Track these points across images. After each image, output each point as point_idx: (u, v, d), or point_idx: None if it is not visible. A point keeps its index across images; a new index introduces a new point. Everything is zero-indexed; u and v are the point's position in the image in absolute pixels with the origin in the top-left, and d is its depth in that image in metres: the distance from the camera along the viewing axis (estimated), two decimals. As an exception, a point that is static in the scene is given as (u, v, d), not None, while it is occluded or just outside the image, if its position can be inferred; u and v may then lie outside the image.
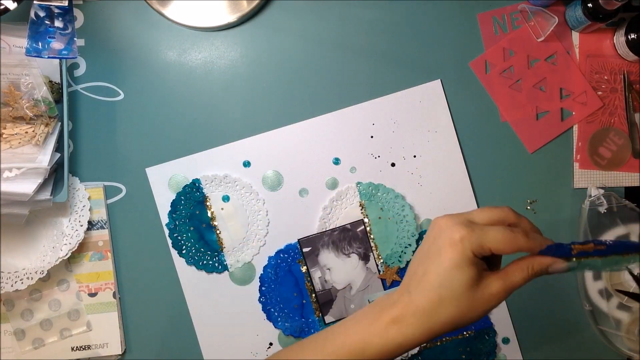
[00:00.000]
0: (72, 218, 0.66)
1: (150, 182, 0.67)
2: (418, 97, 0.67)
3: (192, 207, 0.67)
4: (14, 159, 0.60)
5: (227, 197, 0.67)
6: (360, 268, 0.67)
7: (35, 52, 0.57)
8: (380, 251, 0.67)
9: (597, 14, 0.62)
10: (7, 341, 0.67)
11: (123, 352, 0.68)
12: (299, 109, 0.68)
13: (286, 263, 0.67)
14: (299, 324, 0.67)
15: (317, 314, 0.67)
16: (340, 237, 0.67)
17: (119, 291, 0.68)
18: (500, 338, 0.68)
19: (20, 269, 0.65)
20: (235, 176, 0.67)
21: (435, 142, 0.67)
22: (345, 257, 0.67)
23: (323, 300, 0.66)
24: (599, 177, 0.69)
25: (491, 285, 0.44)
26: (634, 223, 0.66)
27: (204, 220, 0.67)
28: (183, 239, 0.67)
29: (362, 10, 0.68)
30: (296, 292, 0.67)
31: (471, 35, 0.68)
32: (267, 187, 0.68)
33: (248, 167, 0.67)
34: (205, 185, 0.67)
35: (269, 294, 0.67)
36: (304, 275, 0.67)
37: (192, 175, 0.67)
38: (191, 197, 0.67)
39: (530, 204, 0.69)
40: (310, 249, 0.67)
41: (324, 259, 0.67)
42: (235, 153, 0.67)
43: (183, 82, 0.68)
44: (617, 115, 0.69)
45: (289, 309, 0.67)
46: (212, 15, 0.67)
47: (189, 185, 0.67)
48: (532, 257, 0.46)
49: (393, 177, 0.67)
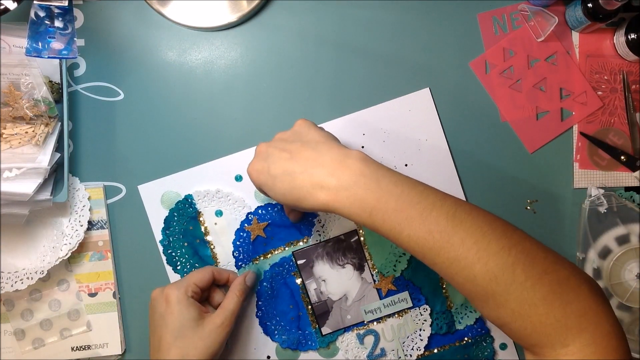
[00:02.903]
0: (72, 218, 0.66)
1: (142, 199, 0.67)
2: (407, 106, 0.67)
3: (186, 223, 0.67)
4: (14, 159, 0.60)
5: (220, 212, 0.67)
6: (355, 278, 0.66)
7: (35, 52, 0.57)
8: (375, 261, 0.66)
9: (597, 14, 0.63)
10: (7, 341, 0.67)
11: (123, 352, 0.68)
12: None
13: (281, 276, 0.67)
14: (296, 336, 0.66)
15: (314, 325, 0.66)
16: (334, 248, 0.66)
17: (119, 291, 0.68)
18: (498, 344, 0.67)
19: (20, 269, 0.65)
20: (227, 190, 0.67)
21: (426, 150, 0.67)
22: (340, 267, 0.66)
23: (319, 311, 0.66)
24: (599, 177, 0.69)
25: (215, 318, 0.58)
26: (634, 223, 0.66)
27: (197, 235, 0.67)
28: (177, 255, 0.67)
29: (362, 10, 0.68)
30: (292, 305, 0.67)
31: (471, 35, 0.68)
32: (260, 201, 0.67)
33: (240, 181, 0.67)
34: (197, 200, 0.67)
35: (265, 308, 0.67)
36: (300, 287, 0.67)
37: (184, 191, 0.67)
38: (184, 212, 0.67)
39: (530, 204, 0.69)
40: (305, 260, 0.66)
41: (319, 271, 0.66)
42: (227, 167, 0.67)
43: (183, 82, 0.68)
44: (617, 115, 0.69)
45: (285, 322, 0.66)
46: (212, 15, 0.67)
47: (181, 201, 0.67)
48: (233, 283, 0.62)
49: None
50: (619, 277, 0.66)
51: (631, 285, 0.66)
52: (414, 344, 0.66)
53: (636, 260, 0.66)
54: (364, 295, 0.66)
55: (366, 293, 0.66)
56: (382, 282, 0.66)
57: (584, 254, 0.67)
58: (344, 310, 0.66)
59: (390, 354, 0.66)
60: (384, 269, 0.66)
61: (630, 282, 0.66)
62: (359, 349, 0.66)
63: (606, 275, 0.66)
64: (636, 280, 0.66)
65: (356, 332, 0.66)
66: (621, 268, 0.66)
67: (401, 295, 0.66)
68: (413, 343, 0.66)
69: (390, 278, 0.66)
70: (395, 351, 0.66)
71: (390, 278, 0.66)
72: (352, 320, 0.66)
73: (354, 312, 0.66)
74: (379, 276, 0.66)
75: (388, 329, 0.66)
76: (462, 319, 0.66)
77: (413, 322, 0.66)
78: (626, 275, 0.66)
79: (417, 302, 0.66)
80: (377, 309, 0.66)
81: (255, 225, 0.66)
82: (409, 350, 0.66)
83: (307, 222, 0.67)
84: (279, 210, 0.67)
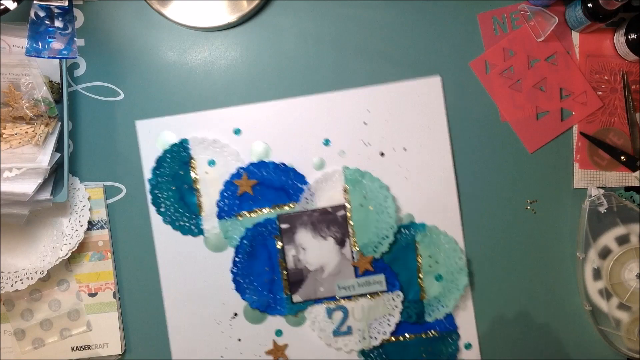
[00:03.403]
0: (72, 218, 0.66)
1: (138, 135, 0.67)
2: (416, 90, 0.67)
3: (177, 167, 0.67)
4: (14, 159, 0.60)
5: (212, 162, 0.67)
6: (335, 252, 0.67)
7: (35, 52, 0.57)
8: (357, 239, 0.67)
9: (597, 14, 0.63)
10: (7, 341, 0.67)
11: (123, 352, 0.68)
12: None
13: (262, 237, 0.67)
14: (267, 299, 0.67)
15: (286, 291, 0.67)
16: (319, 219, 0.67)
17: (119, 291, 0.68)
18: (463, 343, 0.68)
19: (20, 269, 0.65)
20: (224, 142, 0.67)
21: (427, 138, 0.67)
22: (322, 239, 0.67)
23: (294, 278, 0.67)
24: (599, 177, 0.69)
25: None
26: (634, 223, 0.66)
27: (186, 181, 0.67)
28: (163, 197, 0.67)
29: (362, 10, 0.68)
30: (268, 267, 0.67)
31: (471, 35, 0.68)
32: (254, 158, 0.67)
33: (238, 134, 0.67)
34: (193, 146, 0.67)
35: (241, 265, 0.67)
36: (278, 252, 0.67)
37: (181, 134, 0.67)
38: (177, 156, 0.67)
39: (530, 204, 0.69)
40: (289, 226, 0.67)
41: (301, 238, 0.67)
42: (228, 119, 0.67)
43: (183, 82, 0.68)
44: (617, 115, 0.69)
45: (258, 283, 0.67)
46: (212, 15, 0.67)
47: (176, 144, 0.67)
48: None
49: (380, 167, 0.67)
50: (619, 277, 0.66)
51: (631, 285, 0.66)
52: (382, 327, 0.67)
53: (636, 260, 0.66)
54: (340, 270, 0.67)
55: (343, 269, 0.67)
56: (360, 261, 0.66)
57: (584, 254, 0.67)
58: (318, 282, 0.67)
59: (356, 334, 0.67)
60: (365, 249, 0.66)
61: (630, 282, 0.66)
62: (326, 322, 0.67)
63: (606, 275, 0.66)
64: (636, 280, 0.66)
65: (326, 305, 0.67)
66: (621, 268, 0.66)
67: (377, 278, 0.66)
68: (380, 327, 0.67)
69: (370, 258, 0.66)
70: (362, 331, 0.66)
71: (370, 258, 0.66)
72: (324, 293, 0.67)
73: (327, 286, 0.67)
74: (358, 255, 0.66)
75: (358, 308, 0.67)
76: (433, 312, 0.67)
77: (384, 306, 0.67)
78: (626, 275, 0.66)
79: (391, 287, 0.67)
80: (351, 287, 0.66)
81: (244, 180, 0.66)
82: (375, 333, 0.66)
83: (296, 187, 0.67)
84: (271, 171, 0.67)
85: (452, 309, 0.66)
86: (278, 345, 0.67)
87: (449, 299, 0.66)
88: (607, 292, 0.66)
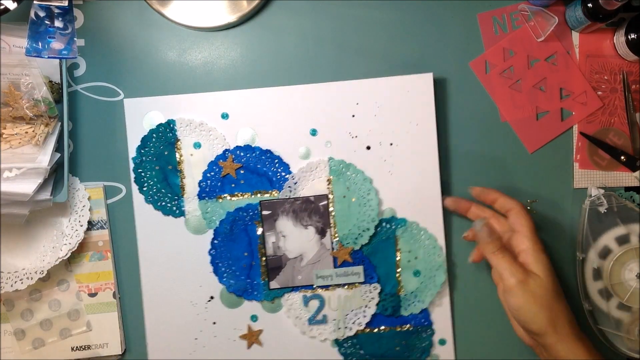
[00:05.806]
0: (72, 218, 0.66)
1: (125, 114, 0.67)
2: (407, 86, 0.67)
3: (162, 147, 0.67)
4: (14, 159, 0.60)
5: (198, 144, 0.67)
6: (315, 242, 0.67)
7: (35, 52, 0.57)
8: (338, 229, 0.67)
9: (597, 14, 0.63)
10: (7, 341, 0.67)
11: (123, 352, 0.68)
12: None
13: (243, 222, 0.67)
14: (244, 284, 0.67)
15: (264, 277, 0.67)
16: (301, 208, 0.67)
17: (119, 291, 0.68)
18: (438, 338, 0.68)
19: (20, 269, 0.65)
20: (211, 125, 0.67)
21: (415, 135, 0.67)
22: (303, 228, 0.67)
23: (272, 265, 0.67)
24: (599, 177, 0.69)
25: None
26: (634, 223, 0.66)
27: (171, 162, 0.67)
28: (147, 176, 0.67)
29: (362, 10, 0.68)
30: (247, 252, 0.67)
31: (471, 35, 0.68)
32: (240, 143, 0.67)
33: (226, 119, 0.67)
34: (179, 127, 0.67)
35: (220, 249, 0.67)
36: (258, 237, 0.67)
37: (169, 115, 0.67)
38: (163, 136, 0.67)
39: (530, 204, 0.69)
40: (270, 212, 0.67)
41: (281, 226, 0.67)
42: (216, 102, 0.67)
43: (183, 82, 0.68)
44: (617, 115, 0.69)
45: (236, 267, 0.67)
46: (212, 15, 0.67)
47: (163, 124, 0.67)
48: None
49: (365, 160, 0.67)
50: (619, 277, 0.66)
51: (631, 285, 0.66)
52: (357, 318, 0.67)
53: (636, 260, 0.66)
54: (319, 259, 0.67)
55: (322, 258, 0.67)
56: (340, 252, 0.67)
57: (584, 254, 0.67)
58: (297, 270, 0.67)
59: (332, 323, 0.67)
60: (345, 240, 0.67)
61: (630, 282, 0.66)
62: (302, 310, 0.67)
63: (606, 275, 0.66)
64: (636, 280, 0.66)
65: (303, 294, 0.67)
66: (621, 268, 0.66)
67: (355, 269, 0.67)
68: (356, 317, 0.67)
69: (349, 250, 0.67)
70: (337, 321, 0.67)
71: (349, 250, 0.67)
72: (302, 281, 0.67)
73: (305, 274, 0.67)
74: (338, 245, 0.67)
75: (335, 298, 0.67)
76: (409, 307, 0.67)
77: (360, 298, 0.67)
78: (626, 275, 0.66)
79: (369, 279, 0.67)
80: (329, 277, 0.67)
81: (229, 162, 0.66)
82: (350, 324, 0.67)
83: (280, 176, 0.67)
84: (257, 157, 0.67)
85: (427, 304, 0.67)
86: (253, 331, 0.67)
87: (426, 294, 0.67)
88: (607, 292, 0.66)
